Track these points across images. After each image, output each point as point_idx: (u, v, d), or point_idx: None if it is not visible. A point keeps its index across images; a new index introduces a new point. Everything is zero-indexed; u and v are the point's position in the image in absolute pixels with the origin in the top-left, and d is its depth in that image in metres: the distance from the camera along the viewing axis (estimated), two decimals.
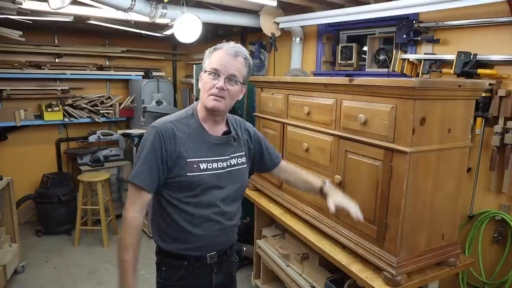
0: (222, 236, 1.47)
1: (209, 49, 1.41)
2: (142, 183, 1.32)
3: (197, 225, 1.40)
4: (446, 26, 2.35)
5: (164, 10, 2.98)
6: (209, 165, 1.40)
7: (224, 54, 1.35)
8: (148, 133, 1.37)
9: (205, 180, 1.39)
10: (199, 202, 1.39)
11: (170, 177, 1.37)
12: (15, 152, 4.21)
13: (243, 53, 1.39)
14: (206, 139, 1.41)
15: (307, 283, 2.17)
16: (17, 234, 3.22)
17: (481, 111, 2.12)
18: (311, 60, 3.45)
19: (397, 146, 1.52)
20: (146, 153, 1.33)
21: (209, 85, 1.35)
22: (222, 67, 1.34)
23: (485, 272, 2.20)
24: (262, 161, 1.66)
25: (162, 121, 1.39)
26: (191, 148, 1.38)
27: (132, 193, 1.36)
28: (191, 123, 1.41)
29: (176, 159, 1.35)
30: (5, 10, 2.72)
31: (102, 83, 4.70)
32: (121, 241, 1.34)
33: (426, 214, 1.61)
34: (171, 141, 1.35)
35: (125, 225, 1.34)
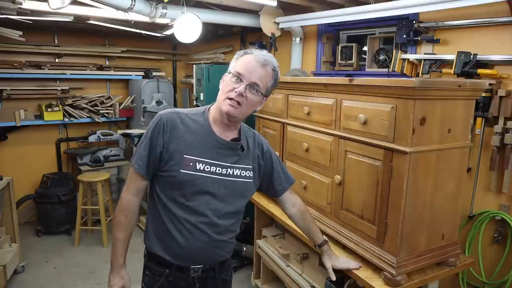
0: (208, 251, 1.37)
1: (240, 51, 1.36)
2: (140, 169, 1.33)
3: (181, 230, 1.32)
4: (446, 26, 2.35)
5: (164, 10, 2.98)
6: (207, 167, 1.33)
7: (252, 60, 1.30)
8: (153, 121, 1.36)
9: (198, 182, 1.31)
10: (187, 205, 1.32)
11: (163, 170, 1.32)
12: (15, 152, 4.21)
13: (273, 63, 1.34)
14: (210, 139, 1.35)
15: (307, 283, 2.17)
16: (17, 234, 3.22)
17: (481, 111, 2.12)
18: (311, 60, 3.45)
19: (397, 146, 1.52)
20: (147, 140, 1.33)
21: (229, 88, 1.29)
22: (247, 72, 1.28)
23: (485, 272, 2.20)
24: (271, 181, 1.56)
25: (169, 111, 1.37)
26: (191, 145, 1.32)
27: (130, 175, 1.38)
28: (199, 120, 1.37)
29: (172, 152, 1.30)
30: (5, 10, 2.72)
31: (102, 83, 4.70)
32: (114, 219, 1.38)
33: (426, 214, 1.61)
34: (172, 132, 1.31)
35: (119, 204, 1.37)
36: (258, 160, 1.47)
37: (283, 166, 1.60)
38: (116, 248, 1.37)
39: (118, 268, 1.37)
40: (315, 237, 1.67)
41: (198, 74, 3.81)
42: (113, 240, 1.37)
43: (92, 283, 3.10)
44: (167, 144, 1.31)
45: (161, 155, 1.31)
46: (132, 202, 1.37)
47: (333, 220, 1.95)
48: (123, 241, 1.37)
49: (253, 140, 1.48)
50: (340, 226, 1.90)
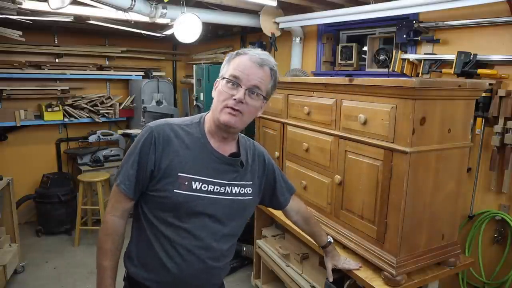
0: (200, 277, 1.22)
1: (231, 53, 1.22)
2: (126, 189, 1.18)
3: (173, 256, 1.17)
4: (446, 26, 2.35)
5: (164, 10, 2.98)
6: (204, 186, 1.18)
7: (248, 61, 1.16)
8: (142, 133, 1.20)
9: (195, 203, 1.17)
10: (183, 228, 1.17)
11: (155, 190, 1.17)
12: (15, 152, 4.21)
13: (271, 63, 1.20)
14: (207, 154, 1.20)
15: (307, 283, 2.16)
16: (17, 234, 3.22)
17: (481, 111, 2.12)
18: (311, 60, 3.45)
19: (397, 146, 1.52)
20: (135, 156, 1.18)
21: (226, 95, 1.14)
22: (244, 75, 1.14)
23: (485, 272, 2.20)
24: (274, 194, 1.45)
25: (160, 123, 1.21)
26: (186, 161, 1.17)
27: (114, 196, 1.22)
28: (194, 133, 1.22)
29: (165, 170, 1.15)
30: (5, 10, 2.72)
31: (102, 83, 4.70)
32: (99, 244, 1.21)
33: (426, 214, 1.61)
34: (164, 146, 1.16)
35: (103, 228, 1.22)
36: (258, 174, 1.34)
37: (283, 175, 1.50)
38: (103, 278, 1.19)
39: None
40: (319, 240, 1.66)
41: (198, 74, 3.81)
42: (99, 269, 1.20)
43: (92, 283, 3.10)
44: (159, 161, 1.16)
45: (152, 173, 1.17)
46: (119, 225, 1.22)
47: (333, 220, 1.95)
48: (111, 269, 1.20)
49: (253, 152, 1.34)
50: (340, 226, 1.90)
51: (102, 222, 1.24)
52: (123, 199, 1.21)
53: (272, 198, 1.46)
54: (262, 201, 1.43)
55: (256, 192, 1.34)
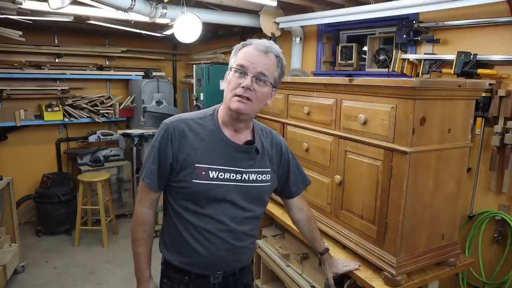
0: (229, 257, 1.33)
1: (237, 45, 1.27)
2: (151, 183, 1.29)
3: (200, 241, 1.28)
4: (446, 26, 2.35)
5: (164, 10, 2.98)
6: (221, 174, 1.26)
7: (253, 49, 1.21)
8: (159, 131, 1.29)
9: (213, 191, 1.25)
10: (205, 214, 1.27)
11: (176, 181, 1.27)
12: (15, 152, 4.21)
13: (276, 50, 1.25)
14: (222, 144, 1.27)
15: (307, 283, 2.16)
16: (17, 234, 3.22)
17: (481, 111, 2.12)
18: (311, 60, 3.45)
19: (397, 146, 1.52)
20: (155, 152, 1.27)
21: (234, 84, 1.20)
22: (250, 63, 1.19)
23: (485, 272, 2.20)
24: (287, 183, 1.50)
25: (175, 119, 1.29)
26: (202, 152, 1.24)
27: (142, 189, 1.33)
28: (208, 125, 1.28)
29: (183, 162, 1.24)
30: (5, 10, 2.72)
31: (102, 83, 4.70)
32: (132, 234, 1.34)
33: (426, 214, 1.61)
34: (180, 141, 1.24)
35: (135, 218, 1.33)
36: (276, 162, 1.40)
37: (299, 165, 1.54)
38: (139, 263, 1.33)
39: (145, 282, 1.35)
40: (317, 245, 1.64)
41: (198, 74, 3.81)
42: (135, 255, 1.34)
43: (92, 283, 3.10)
44: (176, 155, 1.24)
45: (172, 166, 1.26)
46: (148, 215, 1.33)
47: (333, 220, 1.95)
48: (146, 255, 1.34)
49: (270, 140, 1.40)
50: (340, 226, 1.90)
51: (134, 213, 1.34)
52: (149, 192, 1.31)
53: (284, 186, 1.50)
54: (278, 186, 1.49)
55: (274, 179, 1.40)
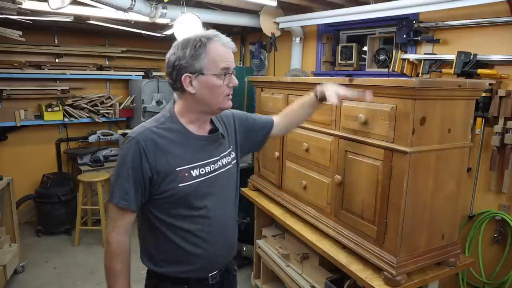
0: (227, 250, 1.35)
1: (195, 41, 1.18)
2: (127, 204, 1.17)
3: (197, 243, 1.25)
4: (446, 26, 2.35)
5: (164, 10, 2.98)
6: (202, 170, 1.24)
7: (224, 48, 1.20)
8: (127, 146, 1.17)
9: (200, 189, 1.23)
10: (198, 215, 1.24)
11: (160, 192, 1.19)
12: (15, 152, 4.21)
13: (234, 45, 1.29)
14: (193, 141, 1.25)
15: (307, 283, 2.17)
16: (17, 234, 3.22)
17: (481, 111, 2.12)
18: (311, 60, 3.45)
19: (397, 146, 1.52)
20: (129, 169, 1.16)
21: (222, 87, 1.20)
22: (230, 63, 1.21)
23: (485, 272, 2.20)
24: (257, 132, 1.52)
25: (140, 130, 1.20)
26: (178, 155, 1.21)
27: (115, 214, 1.19)
28: (173, 127, 1.24)
29: (164, 171, 1.18)
30: (5, 10, 2.72)
31: (102, 83, 4.70)
32: (109, 267, 1.20)
33: (426, 214, 1.61)
34: (155, 151, 1.17)
35: (110, 249, 1.19)
36: (234, 134, 1.43)
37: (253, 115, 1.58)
38: None
39: None
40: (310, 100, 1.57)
41: None
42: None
43: (92, 283, 3.10)
44: (154, 166, 1.17)
45: (151, 179, 1.18)
46: (125, 243, 1.21)
47: (333, 220, 1.95)
48: None
49: (223, 119, 1.41)
50: (340, 226, 1.90)
51: (107, 243, 1.21)
52: (125, 215, 1.20)
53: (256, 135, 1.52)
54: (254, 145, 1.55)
55: (238, 152, 1.44)
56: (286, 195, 2.39)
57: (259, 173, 2.76)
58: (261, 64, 4.04)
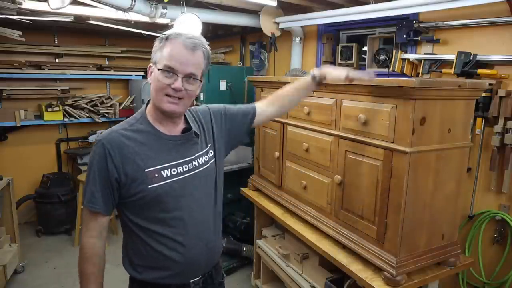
0: (207, 255, 1.29)
1: (160, 37, 1.19)
2: (96, 207, 1.17)
3: (174, 247, 1.21)
4: (446, 26, 2.35)
5: (164, 10, 2.98)
6: (173, 170, 1.21)
7: (181, 47, 1.14)
8: (94, 150, 1.18)
9: (172, 190, 1.19)
10: (173, 217, 1.20)
11: (131, 195, 1.18)
12: (15, 152, 4.21)
13: (203, 45, 1.19)
14: (163, 141, 1.22)
15: (307, 283, 2.17)
16: (17, 234, 3.22)
17: (481, 111, 2.12)
18: (311, 60, 3.44)
19: (397, 146, 1.52)
20: (95, 173, 1.17)
21: (163, 85, 1.15)
22: (179, 65, 1.13)
23: (485, 272, 2.20)
24: (238, 124, 1.45)
25: (108, 132, 1.20)
26: (147, 156, 1.18)
27: (86, 217, 1.20)
28: (142, 128, 1.22)
29: (132, 173, 1.16)
30: (5, 10, 2.72)
31: (102, 83, 4.70)
32: (80, 270, 1.20)
33: (426, 214, 1.61)
34: (121, 153, 1.16)
35: (82, 252, 1.19)
36: (213, 131, 1.37)
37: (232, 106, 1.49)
38: None
39: None
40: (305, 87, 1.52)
41: None
42: None
43: None
44: (121, 168, 1.16)
45: (119, 182, 1.17)
46: (97, 247, 1.20)
47: (333, 220, 1.95)
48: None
49: (198, 117, 1.36)
50: (340, 226, 1.90)
51: (80, 246, 1.21)
52: (96, 218, 1.20)
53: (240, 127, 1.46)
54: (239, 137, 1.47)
55: (219, 149, 1.38)
56: (286, 195, 2.39)
57: (259, 173, 2.76)
58: (261, 64, 4.04)
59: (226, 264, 3.26)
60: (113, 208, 1.22)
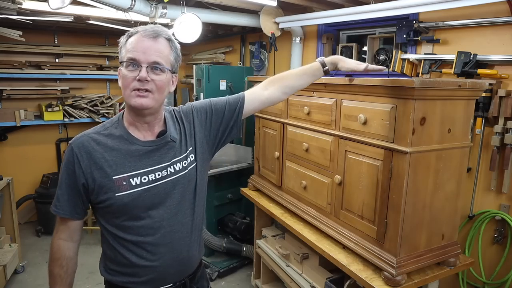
0: (179, 266, 1.24)
1: (123, 36, 1.14)
2: (59, 212, 1.15)
3: (142, 255, 1.17)
4: (446, 26, 2.35)
5: (164, 10, 2.98)
6: (144, 178, 1.15)
7: (140, 37, 1.09)
8: (65, 153, 1.16)
9: (141, 199, 1.14)
10: (141, 226, 1.16)
11: (98, 202, 1.14)
12: (15, 152, 4.21)
13: (165, 33, 1.14)
14: (135, 147, 1.16)
15: (307, 283, 2.17)
16: (17, 234, 3.23)
17: (481, 111, 2.12)
18: (311, 60, 3.44)
19: (397, 146, 1.52)
20: (62, 176, 1.15)
21: (129, 79, 1.09)
22: (141, 54, 1.08)
23: (485, 272, 2.20)
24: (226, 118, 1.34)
25: (79, 136, 1.16)
26: (116, 162, 1.13)
27: (57, 220, 1.19)
28: (115, 132, 1.17)
29: (99, 179, 1.12)
30: (5, 10, 2.72)
31: (102, 83, 4.70)
32: (49, 270, 1.20)
33: (426, 214, 1.61)
34: (89, 158, 1.12)
35: (51, 253, 1.19)
36: (196, 130, 1.28)
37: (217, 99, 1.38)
38: None
39: None
40: (311, 72, 1.41)
41: (198, 74, 3.80)
42: None
43: (92, 283, 3.10)
44: (89, 173, 1.12)
45: (86, 187, 1.13)
46: (66, 248, 1.18)
47: (333, 220, 1.95)
48: None
49: (180, 118, 1.28)
50: (340, 226, 1.90)
51: (50, 247, 1.20)
52: (64, 221, 1.18)
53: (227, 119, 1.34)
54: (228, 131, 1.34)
55: (201, 151, 1.28)
56: (286, 195, 2.39)
57: (259, 173, 2.76)
58: (261, 64, 4.04)
59: (226, 264, 3.27)
60: (84, 213, 1.20)
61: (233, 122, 1.36)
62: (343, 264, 1.75)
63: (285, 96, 1.43)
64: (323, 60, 1.42)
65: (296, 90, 1.44)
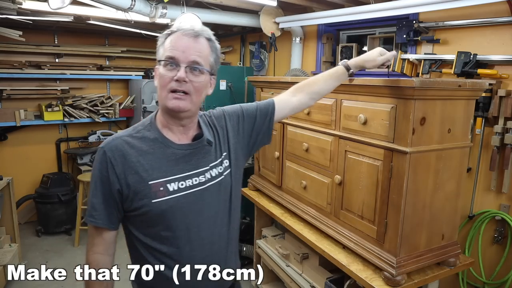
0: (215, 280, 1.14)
1: (162, 34, 1.11)
2: (98, 222, 1.08)
3: (178, 272, 1.09)
4: (446, 26, 2.35)
5: (164, 10, 2.98)
6: (181, 183, 1.08)
7: (180, 36, 1.06)
8: (96, 158, 1.09)
9: (180, 205, 1.07)
10: (178, 237, 1.08)
11: (133, 209, 1.07)
12: (15, 152, 4.21)
13: (206, 33, 1.10)
14: (171, 150, 1.10)
15: (307, 283, 2.16)
16: (17, 234, 3.23)
17: (481, 111, 2.12)
18: (311, 60, 3.44)
19: (397, 146, 1.52)
20: (96, 184, 1.07)
21: (167, 79, 1.04)
22: (180, 52, 1.04)
23: (485, 272, 2.20)
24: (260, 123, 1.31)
25: (111, 139, 1.10)
26: (152, 167, 1.07)
27: (91, 232, 1.11)
28: (149, 135, 1.11)
29: (135, 185, 1.05)
30: (5, 10, 2.72)
31: (102, 83, 4.70)
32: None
33: (426, 214, 1.61)
34: (123, 162, 1.06)
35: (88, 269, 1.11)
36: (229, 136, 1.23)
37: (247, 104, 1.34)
38: None
39: None
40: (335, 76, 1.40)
41: None
42: None
43: None
44: (124, 179, 1.05)
45: (121, 193, 1.06)
46: (103, 263, 1.10)
47: (333, 220, 1.95)
48: None
49: (214, 123, 1.23)
50: (340, 226, 1.90)
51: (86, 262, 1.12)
52: (100, 232, 1.10)
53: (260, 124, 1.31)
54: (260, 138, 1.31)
55: (235, 157, 1.23)
56: (286, 195, 2.39)
57: (259, 173, 2.76)
58: (261, 64, 4.04)
59: None
60: (119, 222, 1.11)
61: (266, 128, 1.33)
62: (343, 264, 1.75)
63: (313, 102, 1.41)
64: (347, 64, 1.40)
65: (323, 95, 1.43)
